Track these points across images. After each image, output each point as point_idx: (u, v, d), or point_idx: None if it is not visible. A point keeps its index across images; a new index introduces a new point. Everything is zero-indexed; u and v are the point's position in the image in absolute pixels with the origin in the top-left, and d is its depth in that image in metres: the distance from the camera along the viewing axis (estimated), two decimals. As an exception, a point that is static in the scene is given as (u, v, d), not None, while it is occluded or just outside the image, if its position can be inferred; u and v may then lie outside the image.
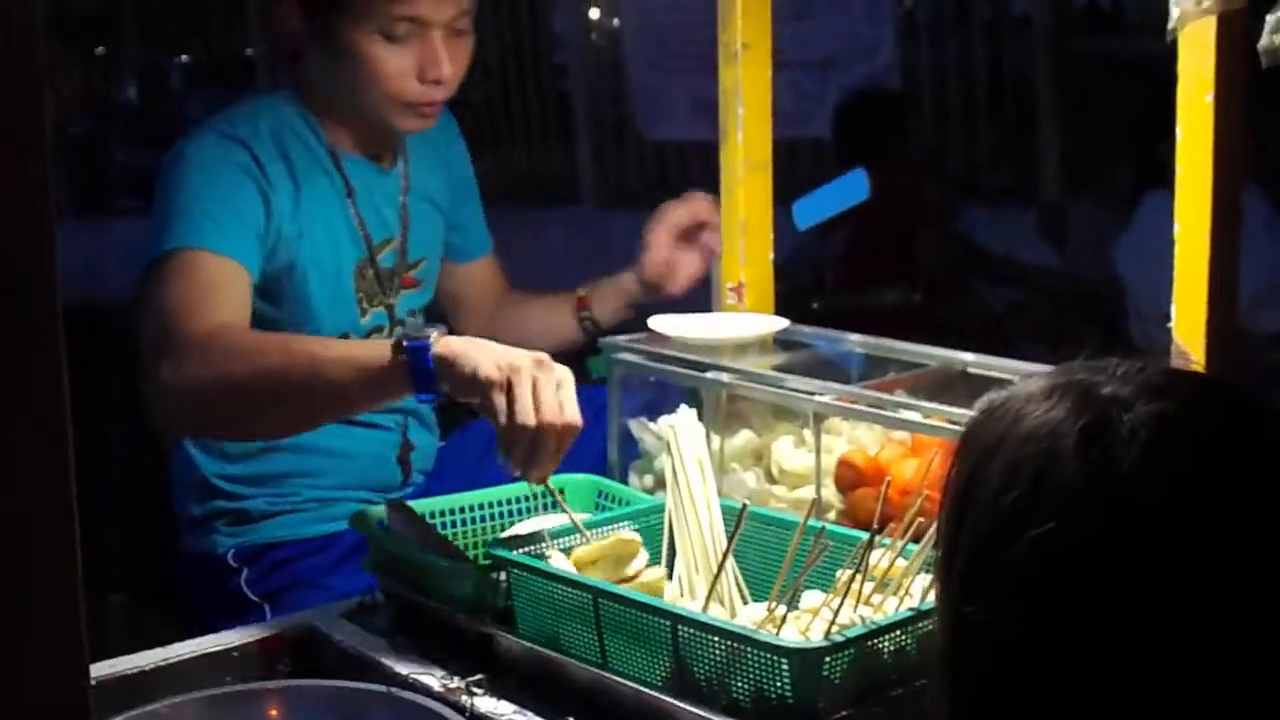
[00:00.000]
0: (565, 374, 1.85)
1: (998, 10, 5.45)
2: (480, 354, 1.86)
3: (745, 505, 1.72)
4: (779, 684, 1.56)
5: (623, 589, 1.77)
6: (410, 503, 2.01)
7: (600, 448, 2.26)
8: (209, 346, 2.03)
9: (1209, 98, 1.80)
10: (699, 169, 2.48)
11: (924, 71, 5.26)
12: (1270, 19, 1.55)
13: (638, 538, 1.88)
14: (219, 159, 2.25)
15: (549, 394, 1.82)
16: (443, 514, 2.04)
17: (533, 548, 1.86)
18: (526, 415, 1.80)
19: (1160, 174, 4.05)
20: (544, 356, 1.85)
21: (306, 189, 2.32)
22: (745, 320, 2.30)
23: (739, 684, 1.59)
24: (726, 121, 2.36)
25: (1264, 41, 1.56)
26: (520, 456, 1.83)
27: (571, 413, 1.83)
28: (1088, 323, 4.45)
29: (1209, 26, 1.76)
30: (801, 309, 3.16)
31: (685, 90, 5.38)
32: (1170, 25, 1.69)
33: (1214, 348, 1.85)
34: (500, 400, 1.81)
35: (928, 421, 1.90)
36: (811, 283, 4.17)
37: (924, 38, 5.27)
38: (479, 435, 2.50)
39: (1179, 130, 1.84)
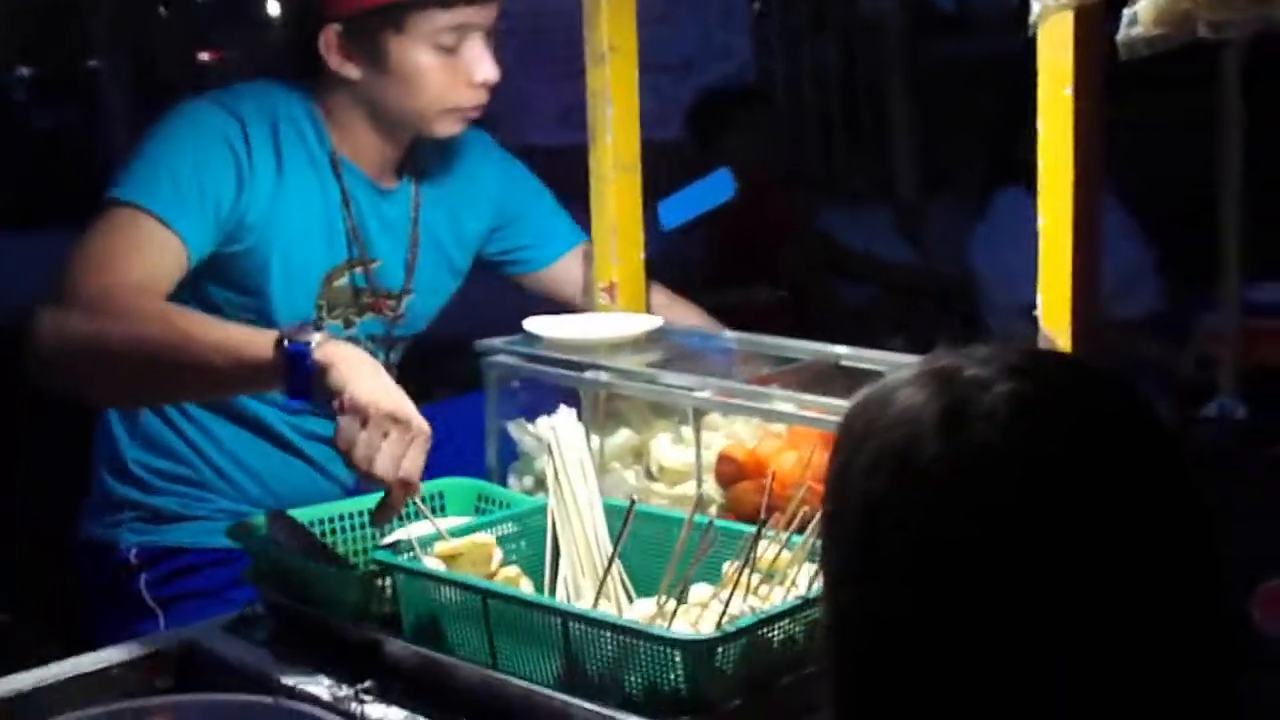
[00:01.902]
0: (421, 433, 1.85)
1: (851, 13, 5.54)
2: (356, 376, 1.85)
3: (633, 502, 1.73)
4: (672, 676, 1.58)
5: (512, 589, 1.77)
6: (290, 512, 2.00)
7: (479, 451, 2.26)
8: (95, 304, 2.00)
9: (1068, 90, 1.84)
10: (565, 175, 2.51)
11: (779, 74, 5.33)
12: (1126, 12, 1.60)
13: (491, 539, 1.89)
14: (210, 127, 2.24)
15: (395, 448, 1.83)
16: (322, 522, 2.03)
17: (408, 554, 1.85)
18: (366, 462, 1.83)
19: (1012, 171, 4.20)
20: (406, 412, 1.84)
21: (291, 182, 2.28)
22: (620, 320, 2.32)
23: (632, 678, 1.61)
24: (595, 123, 2.38)
25: (1122, 35, 1.61)
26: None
27: (408, 470, 1.84)
28: (945, 315, 4.54)
29: (1067, 20, 1.80)
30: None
31: (553, 96, 5.40)
32: (1031, 19, 1.74)
33: (1079, 335, 1.90)
34: (352, 431, 1.83)
35: (806, 414, 1.93)
36: (678, 282, 4.19)
37: (779, 41, 5.33)
38: None
39: (1040, 123, 1.88)
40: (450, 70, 2.26)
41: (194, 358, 1.96)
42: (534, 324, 2.24)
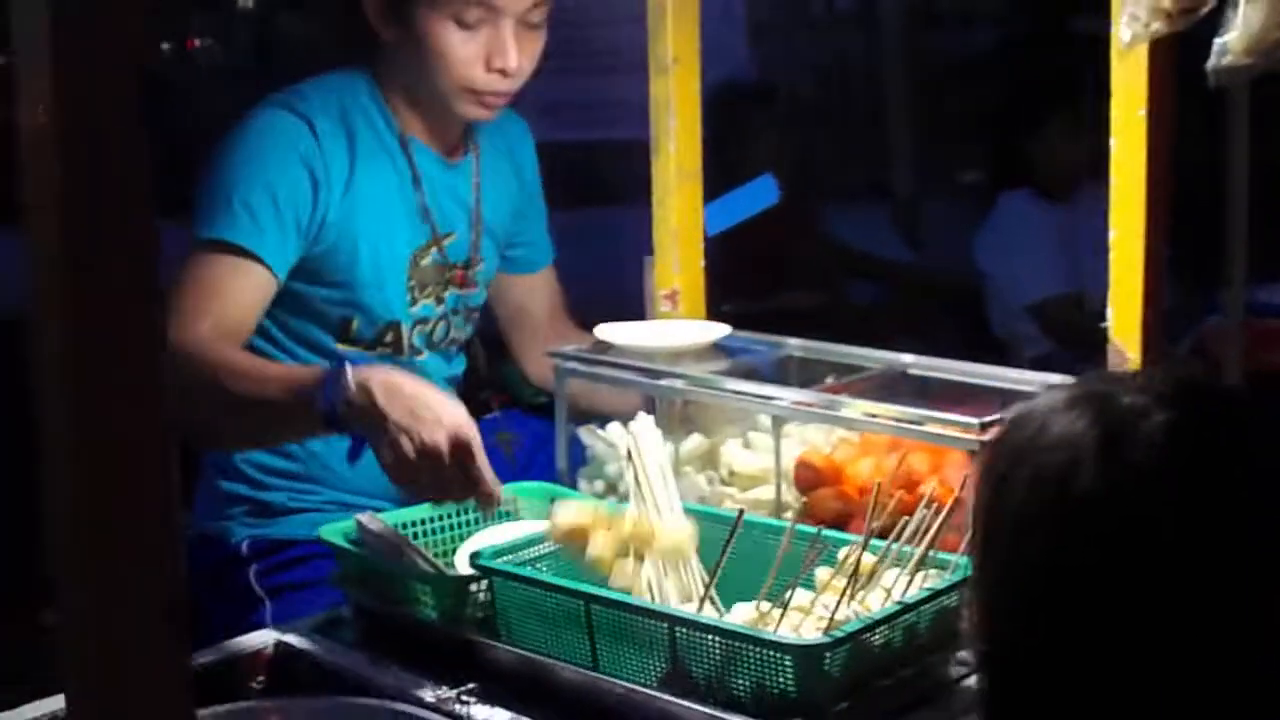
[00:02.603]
0: (464, 442, 1.93)
1: (849, 8, 5.61)
2: (392, 400, 1.94)
3: (742, 511, 1.79)
4: (781, 679, 1.63)
5: (616, 594, 1.82)
6: (379, 515, 2.04)
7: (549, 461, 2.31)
8: (178, 361, 2.05)
9: (1142, 112, 1.91)
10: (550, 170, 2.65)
11: (777, 71, 5.38)
12: (1218, 42, 1.67)
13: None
14: (278, 138, 2.28)
15: (437, 472, 1.93)
16: (409, 525, 2.07)
17: (516, 555, 1.90)
18: (409, 486, 1.97)
19: (1016, 173, 4.26)
20: (458, 422, 1.93)
21: (365, 170, 2.34)
22: (688, 327, 2.37)
23: (739, 681, 1.66)
24: (658, 133, 2.43)
25: (1212, 63, 1.68)
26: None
27: (469, 484, 1.95)
28: (949, 315, 4.60)
29: (1142, 47, 1.87)
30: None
31: (542, 91, 5.42)
32: (1123, 45, 1.80)
33: (1148, 348, 1.97)
34: (392, 454, 1.93)
35: (881, 422, 1.98)
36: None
37: (776, 38, 5.38)
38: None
39: (1114, 142, 1.95)
40: (471, 49, 2.29)
41: (261, 397, 2.07)
42: (604, 331, 2.29)
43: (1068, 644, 1.20)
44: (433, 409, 1.93)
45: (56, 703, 1.78)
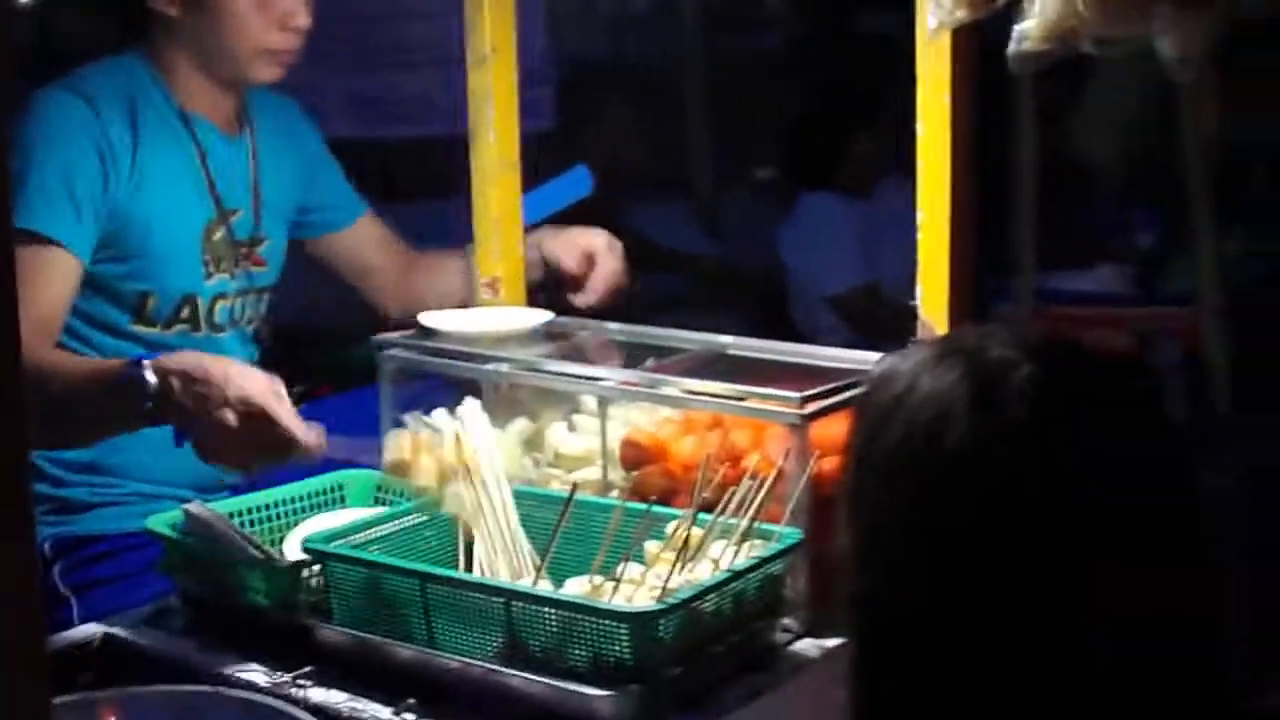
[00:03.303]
0: (264, 398, 1.96)
1: (646, 7, 5.67)
2: (185, 387, 1.98)
3: (575, 486, 1.83)
4: (617, 648, 1.68)
5: (450, 571, 1.85)
6: (204, 504, 2.03)
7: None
8: None
9: (946, 97, 2.01)
10: (351, 166, 2.69)
11: (573, 66, 5.42)
12: (1017, 29, 1.75)
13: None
14: (63, 120, 2.30)
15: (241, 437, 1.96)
16: (234, 515, 2.07)
17: (348, 539, 1.91)
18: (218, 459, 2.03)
19: (816, 172, 4.39)
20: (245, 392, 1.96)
21: (149, 146, 2.37)
22: (513, 313, 2.40)
23: (576, 651, 1.70)
24: (477, 123, 2.45)
25: (1012, 49, 1.76)
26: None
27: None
28: (751, 307, 4.71)
29: (945, 35, 1.96)
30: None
31: (342, 87, 5.39)
32: (928, 34, 1.88)
33: (956, 321, 2.05)
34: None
35: (702, 399, 2.04)
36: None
37: (573, 35, 5.41)
38: None
39: (920, 126, 2.04)
40: (263, 11, 2.37)
41: (67, 395, 2.08)
42: (429, 318, 2.31)
43: (936, 596, 1.22)
44: (216, 383, 1.96)
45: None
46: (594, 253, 2.52)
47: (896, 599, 1.24)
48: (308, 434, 1.98)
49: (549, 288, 2.59)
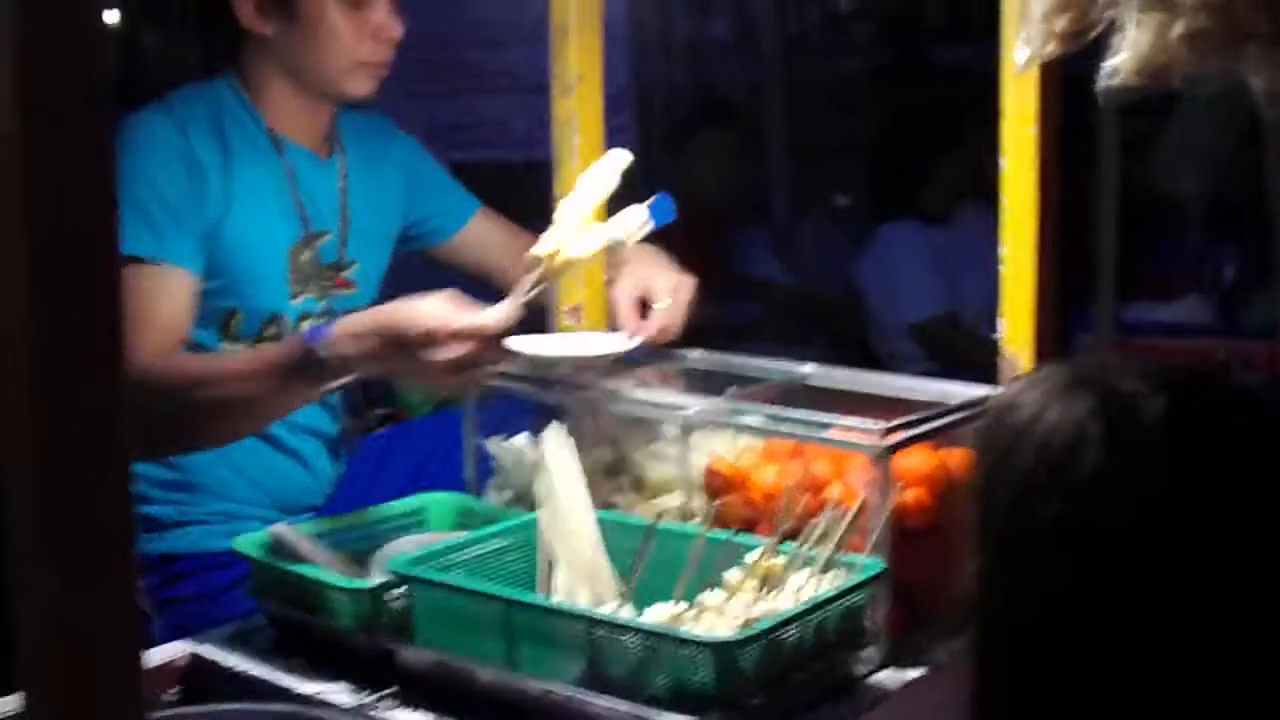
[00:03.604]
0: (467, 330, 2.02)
1: (727, 33, 5.69)
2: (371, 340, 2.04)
3: (659, 514, 1.85)
4: (699, 676, 1.68)
5: (533, 596, 1.86)
6: (291, 526, 2.06)
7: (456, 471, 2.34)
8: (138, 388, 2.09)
9: (1032, 129, 2.01)
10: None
11: (656, 96, 5.44)
12: (1108, 65, 1.75)
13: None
14: (154, 141, 2.34)
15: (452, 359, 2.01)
16: (319, 537, 2.09)
17: (432, 562, 1.93)
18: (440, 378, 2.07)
19: (896, 199, 4.39)
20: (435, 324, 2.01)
21: (239, 165, 2.41)
22: (599, 339, 2.42)
23: (657, 679, 1.71)
24: (561, 150, 2.48)
25: (1102, 85, 1.76)
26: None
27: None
28: (830, 334, 4.71)
29: (1033, 69, 1.97)
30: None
31: (420, 113, 5.45)
32: (1016, 68, 1.88)
33: (1040, 355, 2.06)
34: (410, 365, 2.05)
35: (793, 430, 2.04)
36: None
37: (655, 61, 5.44)
38: (368, 460, 2.61)
39: (1004, 160, 2.04)
40: (357, 24, 2.40)
41: (232, 393, 2.12)
42: (513, 343, 2.33)
43: (1067, 621, 1.23)
44: (402, 330, 2.02)
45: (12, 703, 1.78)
46: (650, 296, 2.46)
47: (1025, 624, 1.25)
48: (497, 318, 2.04)
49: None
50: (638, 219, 2.20)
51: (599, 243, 2.19)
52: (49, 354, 0.89)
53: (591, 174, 2.24)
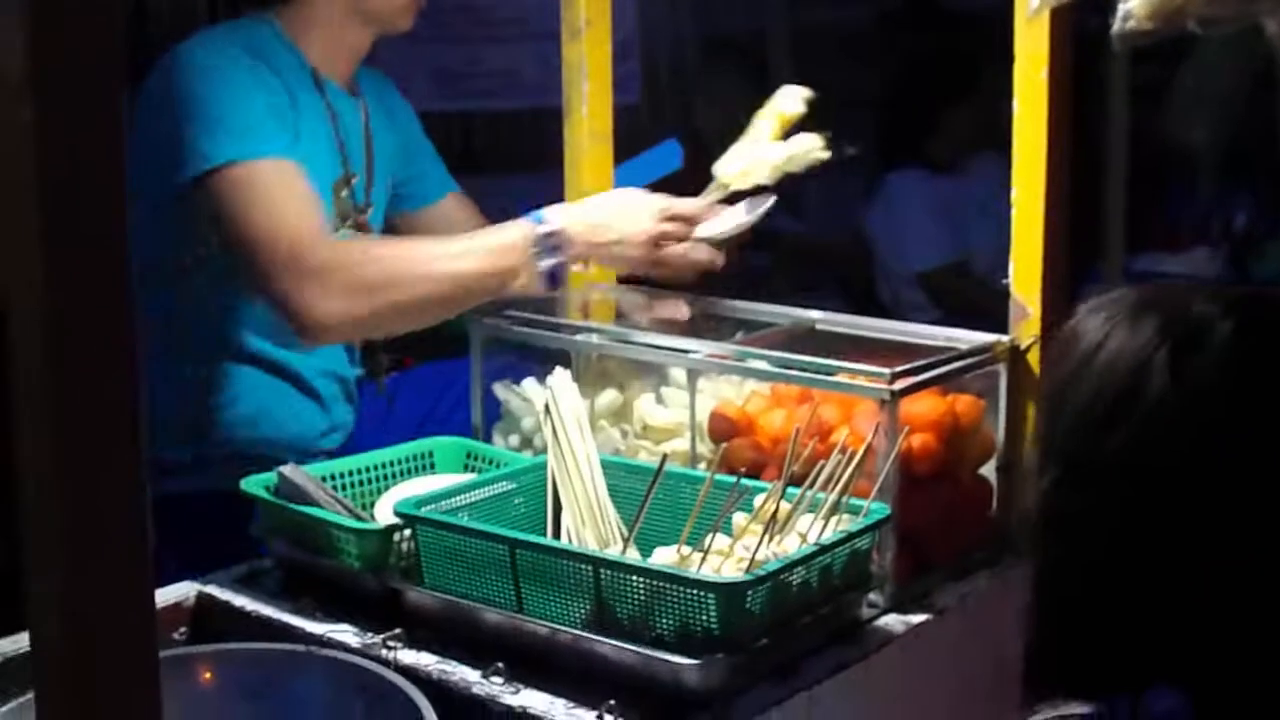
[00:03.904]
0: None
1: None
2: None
3: (665, 457, 1.84)
4: (704, 617, 1.69)
5: (540, 538, 1.87)
6: (298, 468, 2.06)
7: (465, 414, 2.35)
8: (340, 277, 2.21)
9: (1044, 74, 2.00)
10: (435, 140, 2.73)
11: (661, 41, 5.41)
12: (1122, 8, 1.73)
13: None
14: (226, 65, 2.33)
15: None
16: (331, 478, 2.10)
17: (438, 505, 1.93)
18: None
19: (904, 147, 4.37)
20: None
21: (297, 98, 2.42)
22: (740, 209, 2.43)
23: (663, 620, 1.71)
24: (571, 96, 2.47)
25: (1116, 28, 1.74)
26: None
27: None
28: (839, 283, 4.70)
29: (1045, 13, 1.95)
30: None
31: (425, 61, 5.41)
32: (1029, 13, 1.87)
33: (1048, 301, 2.05)
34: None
35: (794, 373, 2.04)
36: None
37: (661, 7, 5.41)
38: (378, 405, 2.67)
39: (1015, 103, 2.03)
40: None
41: (463, 288, 2.26)
42: (700, 230, 2.36)
43: (1130, 546, 1.25)
44: (612, 222, 2.28)
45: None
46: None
47: (1090, 550, 1.27)
48: (700, 205, 2.35)
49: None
50: (812, 142, 2.40)
51: (781, 156, 2.38)
52: (63, 341, 0.88)
53: (773, 105, 2.44)
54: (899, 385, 1.92)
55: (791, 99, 2.42)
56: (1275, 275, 4.05)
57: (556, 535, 2.00)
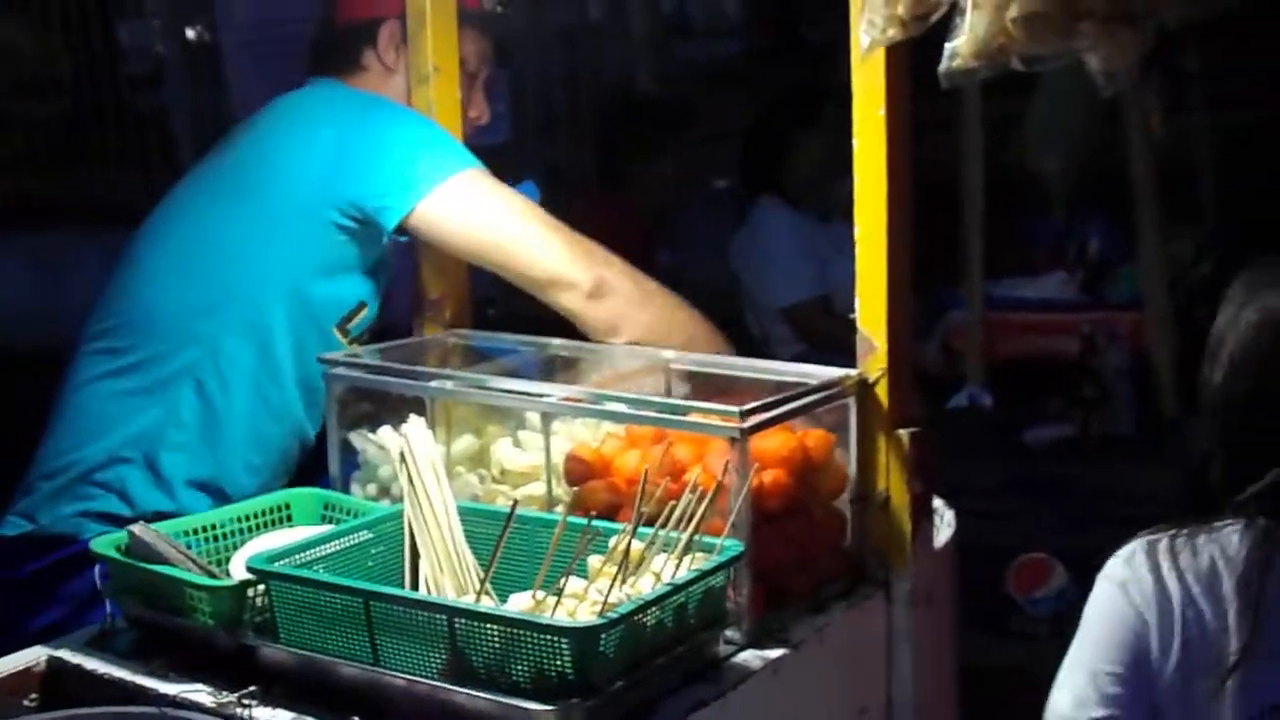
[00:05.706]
0: None
1: (600, 16, 5.70)
2: None
3: (515, 503, 1.84)
4: (559, 662, 1.69)
5: (394, 589, 1.86)
6: (149, 526, 2.04)
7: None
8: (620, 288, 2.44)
9: (881, 111, 2.03)
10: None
11: (529, 80, 5.43)
12: (948, 47, 1.78)
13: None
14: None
15: None
16: (185, 534, 2.07)
17: (292, 558, 1.92)
18: None
19: (769, 180, 4.42)
20: None
21: None
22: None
23: (518, 667, 1.71)
24: (419, 140, 2.46)
25: (943, 67, 1.79)
26: None
27: None
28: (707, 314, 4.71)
29: (880, 51, 1.99)
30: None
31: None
32: (861, 52, 1.90)
33: (894, 336, 2.08)
34: None
35: (653, 415, 2.05)
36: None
37: (530, 47, 5.43)
38: None
39: (855, 141, 2.06)
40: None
41: None
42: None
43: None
44: None
45: None
46: None
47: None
48: None
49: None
50: None
51: None
52: None
53: None
54: (749, 423, 1.94)
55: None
56: (1127, 298, 4.15)
57: (415, 584, 1.99)
